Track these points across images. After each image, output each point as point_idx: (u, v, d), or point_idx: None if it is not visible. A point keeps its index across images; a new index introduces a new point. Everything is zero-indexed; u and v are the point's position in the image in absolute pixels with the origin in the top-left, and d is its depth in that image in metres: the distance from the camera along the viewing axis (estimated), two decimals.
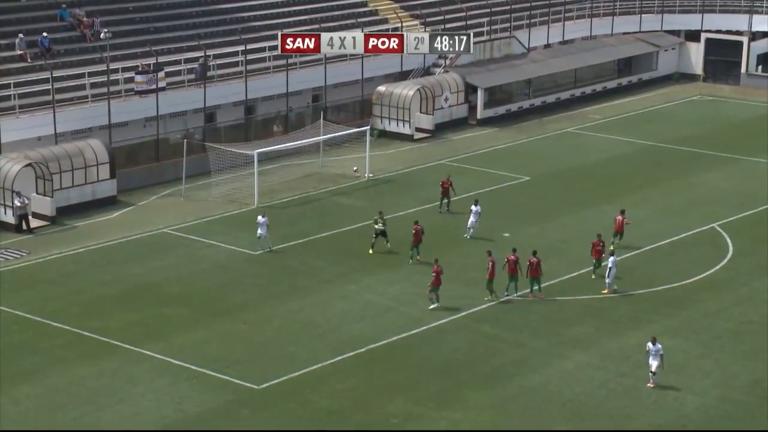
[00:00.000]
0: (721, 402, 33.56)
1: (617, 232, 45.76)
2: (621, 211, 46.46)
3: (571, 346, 37.29)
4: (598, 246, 42.13)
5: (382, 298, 41.33)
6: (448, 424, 32.29)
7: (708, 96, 73.31)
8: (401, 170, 57.59)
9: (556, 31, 74.49)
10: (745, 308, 40.40)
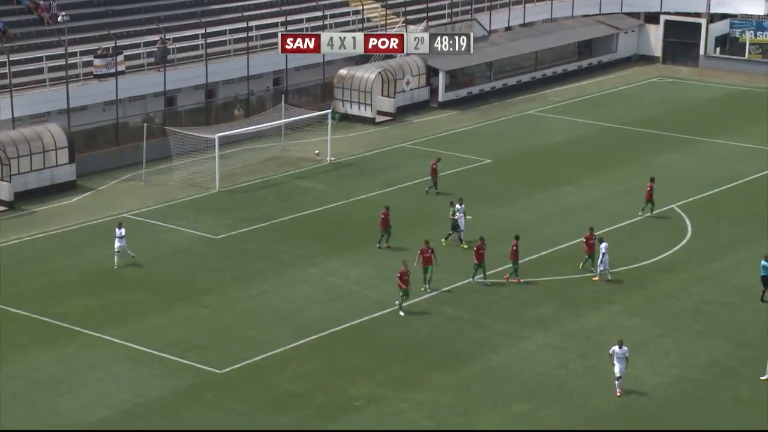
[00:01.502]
0: (680, 381, 33.81)
1: (648, 200, 46.86)
2: (651, 179, 47.19)
3: (533, 327, 37.43)
4: (590, 240, 41.45)
5: (344, 281, 41.29)
6: (410, 406, 32.34)
7: (667, 78, 73.71)
8: (363, 153, 57.52)
9: (517, 13, 74.57)
10: (704, 288, 40.69)
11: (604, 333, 36.97)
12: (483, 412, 32.11)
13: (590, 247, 41.35)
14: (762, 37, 74.86)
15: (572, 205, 49.45)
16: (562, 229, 46.02)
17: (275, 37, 62.82)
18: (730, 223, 47.13)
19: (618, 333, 36.79)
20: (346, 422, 31.52)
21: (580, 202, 49.95)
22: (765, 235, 45.56)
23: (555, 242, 44.31)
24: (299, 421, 31.57)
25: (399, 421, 31.61)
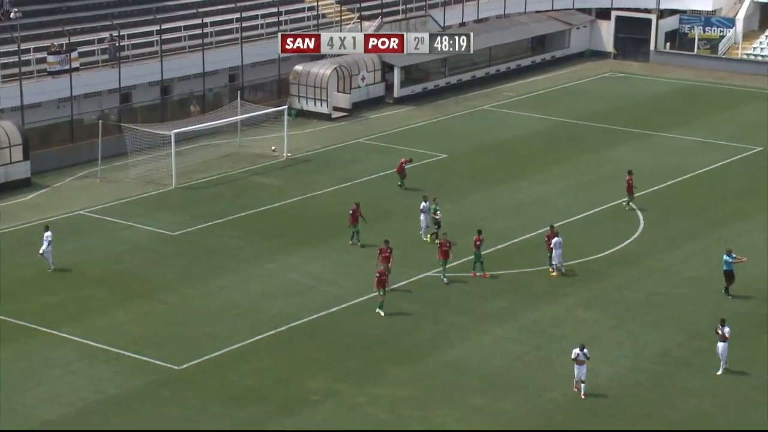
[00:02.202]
0: (633, 372, 34.17)
1: (629, 193, 47.33)
2: (629, 172, 47.61)
3: (489, 321, 37.66)
4: (551, 237, 41.26)
5: (301, 277, 41.31)
6: (368, 400, 32.45)
7: (618, 73, 74.27)
8: (319, 149, 57.53)
9: (471, 9, 74.81)
10: (655, 280, 41.10)
11: (559, 325, 37.30)
12: (440, 405, 32.27)
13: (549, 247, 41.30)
14: (710, 32, 75.62)
15: (526, 200, 49.76)
16: (516, 223, 46.32)
17: (231, 33, 63.01)
18: (681, 216, 47.63)
19: (572, 325, 37.22)
20: (304, 416, 31.58)
21: (534, 196, 50.27)
22: (715, 227, 46.12)
23: (510, 236, 44.57)
24: (258, 416, 31.59)
25: (357, 415, 31.72)
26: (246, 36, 63.09)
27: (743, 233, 45.32)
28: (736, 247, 40.97)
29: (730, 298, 38.92)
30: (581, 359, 32.09)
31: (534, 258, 42.23)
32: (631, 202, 47.94)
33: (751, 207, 48.55)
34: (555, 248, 40.86)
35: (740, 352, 35.27)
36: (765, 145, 57.55)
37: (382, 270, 38.08)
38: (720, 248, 43.55)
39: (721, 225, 46.38)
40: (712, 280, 40.67)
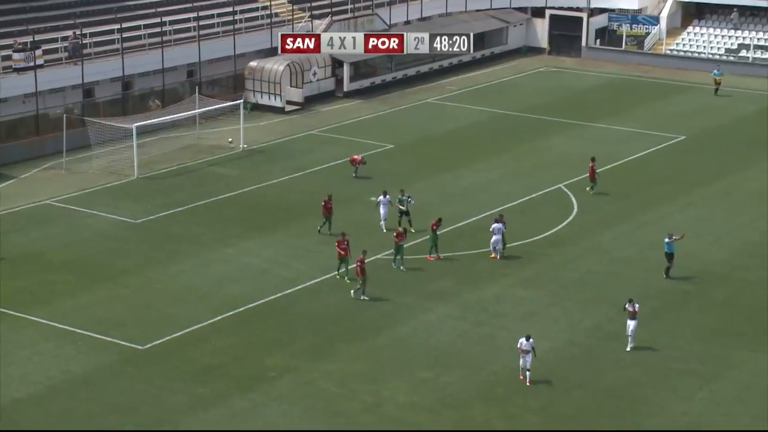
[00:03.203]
0: (568, 345, 34.48)
1: (591, 178, 47.51)
2: (591, 158, 47.85)
3: (434, 300, 37.78)
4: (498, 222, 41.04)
5: (258, 261, 41.20)
6: (322, 375, 32.48)
7: (553, 67, 74.63)
8: (274, 141, 57.32)
9: (415, 8, 74.78)
10: (588, 260, 41.43)
11: (500, 303, 37.53)
12: (389, 378, 32.37)
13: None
14: (636, 29, 76.17)
15: (468, 187, 49.94)
16: (459, 209, 46.46)
17: (188, 31, 62.56)
18: (611, 200, 48.00)
19: (512, 303, 37.46)
20: (262, 392, 31.55)
21: (476, 183, 50.46)
22: (643, 210, 46.53)
23: (454, 221, 44.66)
24: (218, 392, 31.50)
25: (311, 390, 31.74)
26: (203, 34, 62.66)
27: (668, 215, 45.84)
28: (662, 229, 41.46)
29: (666, 278, 39.12)
30: (526, 348, 31.64)
31: (476, 241, 42.39)
32: (593, 187, 48.09)
33: (674, 191, 49.10)
34: (495, 233, 41.04)
35: (664, 325, 35.81)
36: (687, 134, 58.17)
37: (361, 258, 37.69)
38: (647, 230, 44.18)
39: (647, 208, 46.83)
40: (641, 259, 41.14)
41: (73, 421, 29.98)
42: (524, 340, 31.68)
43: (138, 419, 30.13)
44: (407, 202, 43.62)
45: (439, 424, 29.98)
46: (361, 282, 37.53)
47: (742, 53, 72.65)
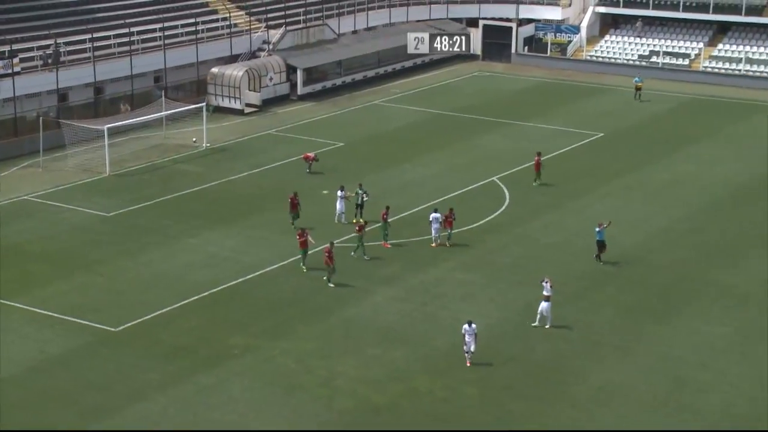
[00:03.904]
0: (502, 322, 34.61)
1: (536, 171, 47.82)
2: (537, 153, 48.06)
3: (382, 283, 37.75)
4: (449, 218, 41.01)
5: (221, 250, 40.87)
6: (280, 353, 32.32)
7: (486, 72, 74.88)
8: (234, 140, 56.90)
9: (361, 19, 74.66)
10: (520, 246, 41.64)
11: (441, 286, 37.59)
12: (341, 355, 32.30)
13: (449, 224, 41.01)
14: (560, 38, 76.65)
15: (411, 180, 49.95)
16: (403, 201, 46.44)
17: (155, 41, 61.91)
18: (540, 191, 48.25)
19: (452, 285, 37.52)
20: (226, 368, 31.32)
21: (417, 177, 50.47)
22: (567, 201, 46.83)
23: (399, 211, 44.65)
24: (185, 369, 31.23)
25: (270, 366, 31.58)
26: (168, 43, 62.06)
27: (589, 205, 46.21)
28: (585, 217, 41.78)
29: (602, 263, 39.17)
30: (470, 333, 31.19)
31: (419, 229, 42.42)
32: (538, 179, 48.17)
33: (594, 183, 49.50)
34: (433, 223, 41.06)
35: (587, 303, 36.10)
36: (605, 131, 58.66)
37: (329, 248, 37.40)
38: (571, 218, 44.49)
39: (571, 198, 47.17)
40: (566, 245, 41.43)
41: (52, 399, 29.57)
42: (467, 326, 31.35)
43: (112, 395, 29.77)
44: (362, 196, 43.53)
45: (387, 395, 29.96)
46: (330, 270, 37.24)
47: (653, 59, 73.39)
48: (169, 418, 28.78)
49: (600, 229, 39.27)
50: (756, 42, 71.98)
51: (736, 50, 71.71)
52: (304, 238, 38.52)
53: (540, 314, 33.96)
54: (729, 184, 49.02)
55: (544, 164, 48.88)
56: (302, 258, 38.56)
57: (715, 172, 50.89)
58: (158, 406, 29.30)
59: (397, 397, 29.90)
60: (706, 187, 48.61)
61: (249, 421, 28.65)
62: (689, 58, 72.44)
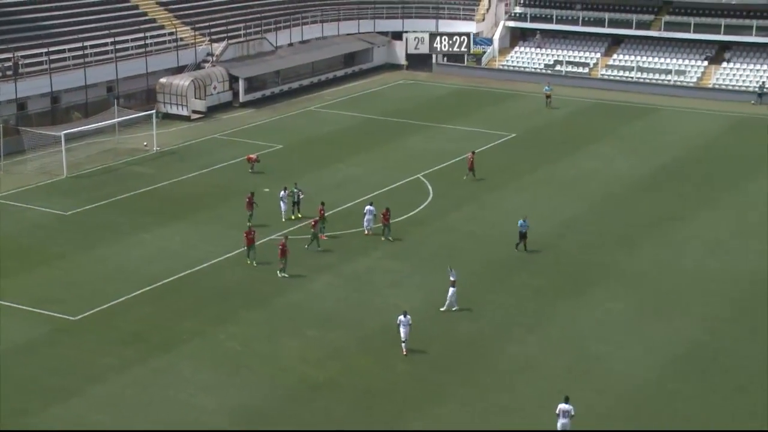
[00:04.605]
0: (426, 304, 34.72)
1: (470, 169, 47.95)
2: (472, 152, 48.34)
3: (319, 271, 37.69)
4: (386, 215, 40.74)
5: (171, 244, 40.42)
6: (227, 337, 32.11)
7: (410, 80, 75.09)
8: (182, 144, 56.23)
9: (297, 32, 74.27)
10: (442, 237, 41.86)
11: (372, 273, 37.68)
12: (284, 337, 32.22)
13: (386, 219, 40.72)
14: (475, 49, 77.16)
15: (344, 178, 49.91)
16: (338, 197, 46.35)
17: (107, 53, 60.90)
18: (460, 186, 48.60)
19: (382, 273, 37.61)
20: (177, 352, 31.03)
21: (350, 175, 50.43)
22: (484, 194, 47.16)
23: (334, 206, 44.57)
24: (140, 353, 30.86)
25: (218, 349, 31.37)
26: (120, 56, 61.08)
27: (504, 198, 46.68)
28: (501, 209, 42.14)
29: (525, 251, 39.30)
30: (404, 324, 30.74)
31: (351, 222, 42.42)
32: (469, 176, 48.35)
33: (508, 178, 49.96)
34: (366, 214, 41.11)
35: (504, 286, 36.49)
36: (517, 132, 59.28)
37: (283, 242, 37.08)
38: (488, 210, 44.90)
39: (488, 192, 47.56)
40: (484, 234, 41.79)
41: (17, 383, 28.97)
42: (402, 317, 30.89)
43: (73, 379, 29.30)
44: (298, 194, 43.37)
45: (326, 373, 29.96)
46: (283, 262, 36.88)
47: (557, 67, 74.38)
48: (126, 398, 28.43)
49: (524, 222, 39.66)
50: (646, 52, 73.49)
51: (628, 60, 73.07)
52: (251, 235, 38.22)
53: (448, 300, 34.03)
54: (625, 178, 49.96)
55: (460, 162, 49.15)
56: (249, 253, 38.15)
57: (613, 167, 51.81)
58: (116, 388, 28.92)
59: (335, 375, 29.92)
60: (605, 181, 49.45)
61: (200, 399, 28.43)
62: (588, 67, 73.57)
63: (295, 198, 43.20)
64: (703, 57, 71.35)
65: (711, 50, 71.53)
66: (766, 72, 68.85)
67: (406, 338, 30.86)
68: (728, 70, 69.80)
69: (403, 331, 30.81)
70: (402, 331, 30.86)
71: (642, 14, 74.27)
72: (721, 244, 40.42)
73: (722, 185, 48.34)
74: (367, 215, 41.08)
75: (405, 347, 30.90)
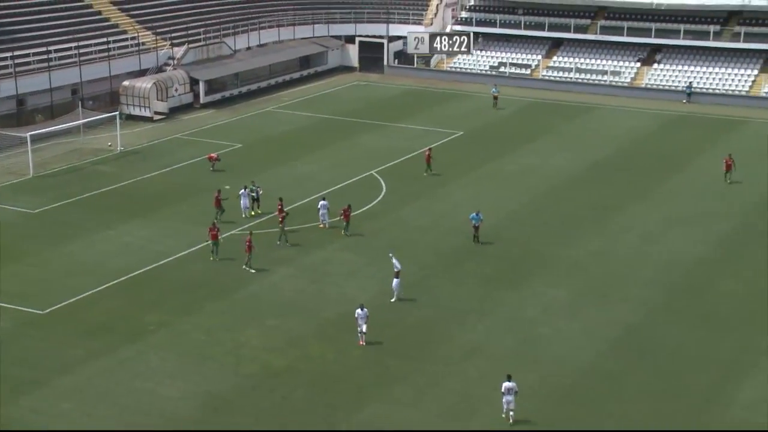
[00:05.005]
0: (381, 295, 34.67)
1: (427, 163, 48.59)
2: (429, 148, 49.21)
3: (278, 264, 37.64)
4: (347, 212, 40.52)
5: (136, 240, 40.05)
6: (191, 327, 31.95)
7: (362, 82, 75.11)
8: (145, 144, 55.65)
9: (255, 37, 73.87)
10: (393, 230, 41.93)
11: (328, 264, 37.71)
12: (245, 327, 32.15)
13: (346, 217, 40.59)
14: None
15: (301, 175, 49.82)
16: (295, 193, 46.27)
17: (71, 57, 60.03)
18: (410, 182, 48.73)
19: (338, 265, 37.65)
20: (143, 343, 30.80)
21: (306, 173, 50.32)
22: (434, 189, 47.36)
23: (290, 203, 44.47)
24: (108, 344, 30.57)
25: (184, 339, 31.20)
26: (83, 60, 60.24)
27: (452, 192, 46.96)
28: (449, 203, 42.34)
29: (479, 243, 39.49)
30: (362, 317, 30.48)
31: (307, 217, 42.38)
32: (428, 170, 48.60)
33: (456, 173, 50.23)
34: (321, 209, 41.11)
35: (452, 276, 36.71)
36: (464, 130, 59.65)
37: (249, 238, 36.78)
38: (437, 204, 45.13)
39: (437, 187, 47.81)
40: (434, 227, 42.01)
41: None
42: (359, 310, 30.67)
43: (42, 370, 28.94)
44: (257, 190, 43.24)
45: (286, 359, 29.96)
46: (249, 256, 36.62)
47: (501, 69, 74.96)
48: (94, 387, 28.17)
49: (477, 215, 39.93)
50: (583, 54, 74.38)
51: (567, 61, 73.92)
52: (215, 231, 38.00)
53: (395, 290, 34.03)
54: (564, 172, 50.56)
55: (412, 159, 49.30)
56: (213, 248, 37.86)
57: (553, 163, 52.40)
58: (84, 377, 28.64)
59: (294, 361, 29.95)
60: (546, 175, 50.00)
61: (165, 387, 28.27)
62: (530, 68, 74.25)
63: (255, 195, 43.06)
64: (635, 59, 72.43)
65: (643, 52, 72.64)
66: (693, 72, 70.13)
67: (365, 331, 30.67)
68: (659, 71, 70.96)
69: (361, 325, 30.62)
70: (360, 324, 30.64)
71: (579, 19, 75.17)
72: (653, 233, 41.17)
73: (654, 178, 49.18)
74: (321, 210, 41.10)
75: (362, 339, 30.80)
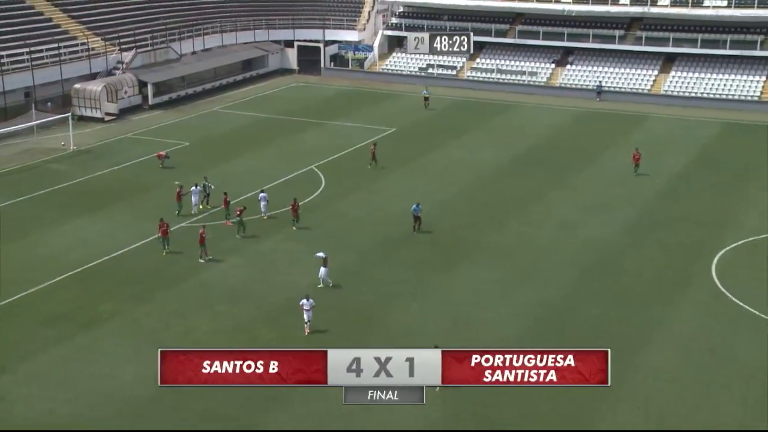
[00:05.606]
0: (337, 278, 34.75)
1: (372, 158, 48.10)
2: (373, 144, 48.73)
3: (227, 253, 37.27)
4: (295, 206, 40.15)
5: (90, 233, 39.20)
6: (144, 315, 31.45)
7: (301, 83, 74.71)
8: (97, 143, 54.43)
9: (199, 42, 72.84)
10: (332, 222, 41.79)
11: (274, 254, 37.49)
12: (195, 313, 31.78)
13: (294, 212, 40.15)
14: (359, 54, 77.42)
15: (245, 170, 49.36)
16: (240, 187, 45.82)
17: (23, 62, 58.44)
18: (348, 175, 48.70)
19: (283, 254, 37.44)
20: (98, 330, 30.22)
21: (250, 167, 49.90)
22: (370, 183, 47.42)
23: (236, 196, 43.98)
24: (64, 333, 29.90)
25: (137, 326, 30.70)
26: (35, 64, 58.63)
27: (387, 186, 47.01)
28: (384, 195, 42.40)
29: (419, 232, 39.42)
30: (307, 307, 30.18)
31: (253, 210, 41.99)
32: (373, 164, 48.47)
33: (390, 168, 50.20)
34: (261, 201, 40.89)
35: (388, 261, 36.80)
36: (397, 127, 59.81)
37: (202, 231, 36.19)
38: (374, 197, 45.19)
39: (373, 181, 47.87)
40: (370, 218, 42.04)
41: None
42: (305, 300, 30.30)
43: (2, 358, 28.11)
44: (209, 186, 42.68)
45: (235, 344, 29.70)
46: (202, 248, 36.12)
47: (429, 70, 75.36)
48: (52, 373, 27.53)
49: (417, 206, 40.03)
50: (504, 57, 75.29)
51: (489, 63, 74.72)
52: (164, 228, 37.41)
53: (324, 278, 33.92)
54: (490, 165, 51.12)
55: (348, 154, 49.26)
56: (163, 243, 37.21)
57: (480, 156, 52.94)
58: (43, 365, 27.97)
59: (242, 345, 29.65)
60: (473, 168, 50.48)
61: (122, 372, 27.78)
62: (456, 70, 74.85)
63: (206, 190, 42.52)
64: (550, 60, 73.62)
65: (557, 55, 73.88)
66: (602, 72, 71.61)
67: (309, 320, 30.35)
68: (572, 71, 72.26)
69: (306, 314, 30.27)
70: (305, 314, 30.29)
71: (499, 24, 76.04)
72: (570, 220, 41.93)
73: (570, 169, 50.07)
74: (261, 201, 40.87)
75: (308, 328, 30.39)
